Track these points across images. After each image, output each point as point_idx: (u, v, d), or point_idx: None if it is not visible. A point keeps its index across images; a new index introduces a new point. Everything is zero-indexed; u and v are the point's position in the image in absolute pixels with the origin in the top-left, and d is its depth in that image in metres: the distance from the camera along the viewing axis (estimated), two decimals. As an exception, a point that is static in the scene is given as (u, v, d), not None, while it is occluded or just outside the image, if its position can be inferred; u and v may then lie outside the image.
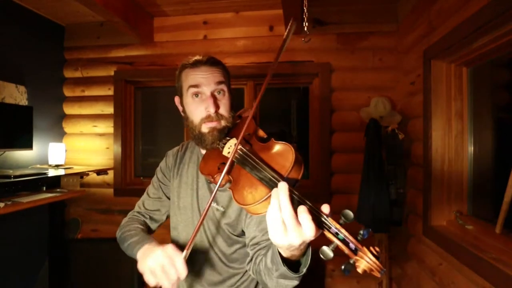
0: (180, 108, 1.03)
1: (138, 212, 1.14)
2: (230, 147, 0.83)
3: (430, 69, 1.75)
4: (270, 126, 2.83)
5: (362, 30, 2.45)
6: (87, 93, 2.87)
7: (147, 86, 2.93)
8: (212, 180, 0.83)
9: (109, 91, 2.82)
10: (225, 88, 0.95)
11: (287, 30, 0.72)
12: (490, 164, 1.63)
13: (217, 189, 0.73)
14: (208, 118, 0.91)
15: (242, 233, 0.95)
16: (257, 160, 0.68)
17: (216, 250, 0.98)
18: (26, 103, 2.46)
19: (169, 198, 1.12)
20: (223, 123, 0.92)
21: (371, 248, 0.54)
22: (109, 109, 2.82)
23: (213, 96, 0.92)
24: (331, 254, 0.54)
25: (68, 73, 2.89)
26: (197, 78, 0.93)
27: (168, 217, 1.14)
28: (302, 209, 0.54)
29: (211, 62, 0.95)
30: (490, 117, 1.63)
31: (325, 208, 0.57)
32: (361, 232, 0.55)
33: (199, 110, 0.93)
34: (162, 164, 1.16)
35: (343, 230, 0.55)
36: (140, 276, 2.64)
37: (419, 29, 1.96)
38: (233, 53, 2.59)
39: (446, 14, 1.60)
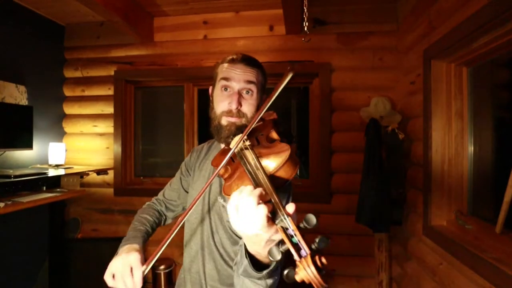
0: (211, 97, 1.07)
1: (158, 199, 1.22)
2: (237, 141, 0.86)
3: (430, 69, 1.75)
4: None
5: (362, 30, 2.45)
6: (87, 93, 2.87)
7: (147, 86, 2.93)
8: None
9: (109, 91, 2.82)
10: (254, 90, 0.97)
11: (283, 78, 0.73)
12: (490, 164, 1.62)
13: (214, 176, 0.75)
14: (229, 113, 0.95)
15: None
16: (253, 156, 0.69)
17: (219, 246, 0.99)
18: (26, 103, 2.46)
19: (186, 191, 1.16)
20: (243, 121, 0.95)
21: (317, 258, 0.48)
22: (109, 109, 2.83)
23: (239, 93, 0.96)
24: (278, 256, 0.51)
25: (68, 73, 2.89)
26: (229, 72, 0.97)
27: (183, 208, 1.20)
28: (262, 207, 0.54)
29: (247, 61, 0.99)
30: (490, 117, 1.62)
31: (290, 208, 0.55)
32: (317, 240, 0.50)
33: (223, 103, 0.97)
34: (187, 158, 1.21)
35: (298, 234, 0.51)
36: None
37: (419, 29, 1.96)
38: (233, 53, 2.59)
39: (446, 14, 1.60)
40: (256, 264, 0.66)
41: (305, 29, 1.71)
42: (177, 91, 2.86)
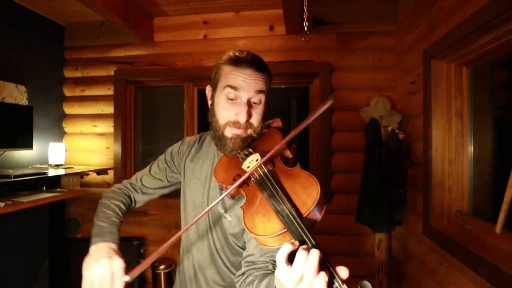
0: (209, 101, 0.96)
1: (132, 185, 1.13)
2: (251, 162, 0.77)
3: (430, 69, 1.75)
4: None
5: (362, 30, 2.45)
6: (87, 92, 2.87)
7: (147, 85, 2.93)
8: (225, 189, 0.80)
9: (109, 91, 2.82)
10: (263, 98, 0.88)
11: (324, 106, 0.64)
12: (490, 164, 1.63)
13: (224, 197, 0.68)
14: (235, 124, 0.85)
15: (245, 246, 0.92)
16: (277, 188, 0.63)
17: (222, 255, 0.96)
18: (26, 103, 2.46)
19: (169, 182, 1.10)
20: (249, 131, 0.86)
21: None
22: (109, 109, 2.83)
23: (248, 104, 0.85)
24: None
25: (68, 73, 2.90)
26: (238, 80, 0.85)
27: (159, 195, 1.14)
28: (322, 278, 0.49)
29: (258, 66, 0.87)
30: (490, 117, 1.62)
31: (343, 272, 0.51)
32: None
33: (229, 113, 0.86)
34: (174, 148, 1.12)
35: None
36: (140, 275, 2.65)
37: (419, 29, 1.96)
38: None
39: (446, 13, 1.60)
40: None
41: (305, 29, 1.71)
42: (177, 91, 2.86)
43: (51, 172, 2.29)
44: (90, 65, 2.85)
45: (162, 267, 2.56)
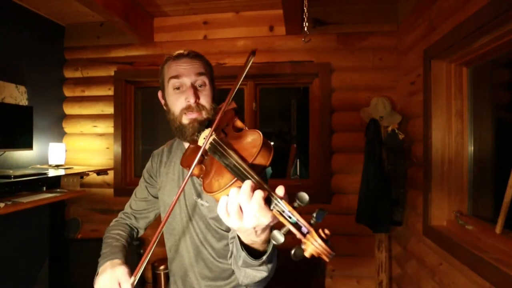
0: (162, 102, 1.05)
1: (125, 213, 1.17)
2: (205, 138, 0.84)
3: (430, 69, 1.75)
4: (270, 126, 2.84)
5: (362, 30, 2.45)
6: (87, 93, 2.87)
7: (147, 86, 2.93)
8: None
9: (109, 91, 2.82)
10: (206, 80, 0.96)
11: (246, 62, 0.72)
12: (490, 164, 1.63)
13: (189, 177, 0.73)
14: (188, 109, 0.92)
15: (229, 228, 0.95)
16: (226, 148, 0.68)
17: (206, 245, 0.98)
18: (26, 103, 2.46)
19: (155, 197, 1.13)
20: (204, 114, 0.93)
21: (320, 231, 0.50)
22: (109, 109, 2.83)
23: (193, 87, 0.93)
24: (281, 239, 0.52)
25: (68, 73, 2.89)
26: (177, 69, 0.94)
27: (156, 215, 1.17)
28: (257, 193, 0.54)
29: (192, 55, 0.97)
30: (490, 117, 1.62)
31: (280, 191, 0.55)
32: (314, 214, 0.52)
33: (179, 101, 0.94)
34: (148, 164, 1.18)
35: (295, 213, 0.53)
36: (140, 276, 2.65)
37: (419, 29, 1.96)
38: (233, 53, 2.59)
39: (446, 13, 1.60)
40: (253, 252, 0.67)
41: (305, 29, 1.71)
42: (177, 91, 2.85)
43: (51, 173, 2.29)
44: (90, 66, 2.85)
45: (162, 267, 2.56)
